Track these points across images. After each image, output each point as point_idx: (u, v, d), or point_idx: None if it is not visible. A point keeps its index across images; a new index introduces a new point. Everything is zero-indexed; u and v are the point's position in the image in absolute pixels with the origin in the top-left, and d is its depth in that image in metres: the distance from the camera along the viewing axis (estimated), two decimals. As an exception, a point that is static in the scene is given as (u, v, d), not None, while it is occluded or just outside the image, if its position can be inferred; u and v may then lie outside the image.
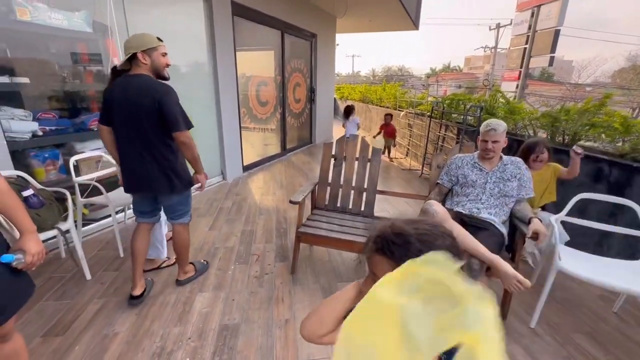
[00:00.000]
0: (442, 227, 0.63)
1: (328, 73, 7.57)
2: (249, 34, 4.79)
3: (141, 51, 1.68)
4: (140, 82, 1.68)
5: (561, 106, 2.97)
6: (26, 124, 2.38)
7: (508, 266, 1.49)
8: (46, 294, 2.02)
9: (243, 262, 2.45)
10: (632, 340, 1.78)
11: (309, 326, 0.71)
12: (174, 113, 1.69)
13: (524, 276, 1.44)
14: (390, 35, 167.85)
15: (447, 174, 2.15)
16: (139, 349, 1.63)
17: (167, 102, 1.66)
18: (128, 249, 2.56)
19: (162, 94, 1.66)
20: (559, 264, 1.73)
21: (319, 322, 0.71)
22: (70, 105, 2.84)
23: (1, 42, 2.33)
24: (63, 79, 2.79)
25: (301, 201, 2.18)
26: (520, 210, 1.91)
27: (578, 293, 2.17)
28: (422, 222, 0.63)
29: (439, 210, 1.71)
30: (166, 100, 1.66)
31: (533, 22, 11.67)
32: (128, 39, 1.70)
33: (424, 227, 0.62)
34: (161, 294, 2.05)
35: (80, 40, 2.84)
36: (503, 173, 1.97)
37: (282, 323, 1.83)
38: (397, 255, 0.59)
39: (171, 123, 1.69)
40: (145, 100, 1.65)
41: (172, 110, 1.68)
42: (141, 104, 1.65)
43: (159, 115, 1.67)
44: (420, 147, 5.48)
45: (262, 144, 5.72)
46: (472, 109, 3.90)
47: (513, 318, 1.92)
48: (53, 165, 2.54)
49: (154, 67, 1.74)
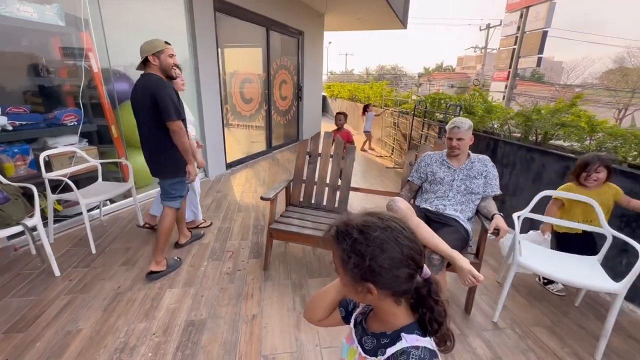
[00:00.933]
0: (396, 221, 0.63)
1: (316, 70, 7.57)
2: (232, 30, 4.76)
3: (151, 54, 1.96)
4: (145, 80, 1.96)
5: (534, 106, 3.03)
6: (-6, 118, 2.34)
7: (465, 261, 1.53)
8: (12, 291, 1.99)
9: (216, 258, 2.45)
10: (589, 332, 1.83)
11: (307, 312, 0.82)
12: (166, 104, 1.90)
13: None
14: (384, 34, 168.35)
15: (416, 172, 2.18)
16: (101, 345, 1.62)
17: (161, 95, 1.89)
18: (101, 245, 2.56)
19: (157, 87, 1.91)
20: (519, 259, 1.77)
21: (313, 309, 0.80)
22: (43, 99, 2.79)
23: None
24: (35, 72, 2.75)
25: (272, 198, 2.19)
26: (485, 206, 1.95)
27: (541, 288, 2.23)
28: (378, 215, 0.64)
29: (402, 206, 1.74)
30: (160, 93, 1.89)
31: (522, 23, 11.84)
32: (142, 45, 1.99)
33: (371, 220, 0.62)
34: (130, 290, 2.04)
35: (52, 34, 2.79)
36: (470, 170, 2.00)
37: (249, 318, 1.84)
38: (342, 245, 0.62)
39: (163, 112, 1.91)
40: (146, 94, 1.91)
41: (165, 102, 1.90)
42: (143, 98, 1.93)
43: (155, 107, 1.91)
44: (405, 145, 5.52)
45: (247, 141, 5.70)
46: (451, 107, 3.95)
47: (477, 312, 1.96)
48: (23, 160, 2.50)
49: (163, 67, 2.01)
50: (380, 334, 0.68)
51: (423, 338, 0.62)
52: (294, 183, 2.58)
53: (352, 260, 0.60)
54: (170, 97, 1.92)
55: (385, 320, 0.67)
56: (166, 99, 1.90)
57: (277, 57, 5.93)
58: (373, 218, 0.63)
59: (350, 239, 0.61)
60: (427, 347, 0.61)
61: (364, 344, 0.70)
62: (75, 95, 2.86)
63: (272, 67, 5.77)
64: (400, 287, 0.61)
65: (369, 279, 0.60)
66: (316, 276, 2.27)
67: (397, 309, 0.64)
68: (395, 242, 0.59)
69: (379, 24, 8.75)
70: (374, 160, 6.06)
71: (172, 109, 1.92)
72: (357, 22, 8.46)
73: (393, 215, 0.64)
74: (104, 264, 2.32)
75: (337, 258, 0.64)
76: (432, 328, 0.62)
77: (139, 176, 3.50)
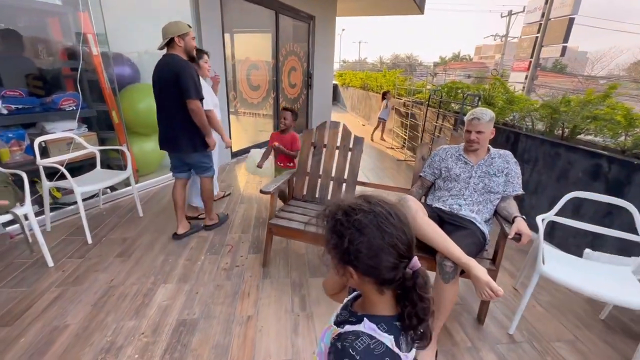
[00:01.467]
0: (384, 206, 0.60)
1: (327, 58, 7.30)
2: (239, 14, 4.56)
3: (177, 36, 2.06)
4: (170, 59, 2.07)
5: (562, 96, 2.76)
6: (-12, 102, 2.26)
7: (482, 271, 1.36)
8: (2, 281, 1.94)
9: (215, 252, 2.34)
10: (618, 350, 1.65)
11: (323, 284, 0.87)
12: (187, 84, 2.02)
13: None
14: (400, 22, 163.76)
15: (429, 167, 2.00)
16: (87, 343, 1.54)
17: (183, 75, 2.02)
18: (98, 235, 2.49)
19: (180, 68, 2.03)
20: (542, 269, 1.59)
21: (325, 283, 0.86)
22: (40, 82, 2.70)
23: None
24: (32, 54, 2.65)
25: (273, 191, 2.05)
26: (505, 207, 1.76)
27: (564, 297, 2.04)
28: (369, 198, 0.62)
29: (412, 205, 1.57)
30: (182, 73, 2.02)
31: (547, 9, 11.17)
32: (165, 26, 2.07)
33: (359, 202, 0.60)
34: (122, 285, 1.96)
35: (49, 14, 2.68)
36: (489, 167, 1.81)
37: (244, 320, 1.73)
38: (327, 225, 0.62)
39: (184, 91, 2.03)
40: (169, 74, 2.04)
41: (186, 82, 2.02)
42: (167, 77, 2.05)
43: (177, 85, 2.02)
44: (418, 137, 5.29)
45: (254, 129, 5.57)
46: (469, 97, 3.69)
47: (491, 323, 1.79)
48: (18, 145, 2.42)
49: (187, 49, 2.13)
50: (353, 312, 0.68)
51: (383, 333, 0.59)
52: (297, 175, 2.43)
53: (332, 240, 0.60)
54: (192, 77, 2.06)
55: (367, 307, 0.65)
56: (188, 78, 2.03)
57: (286, 42, 5.70)
58: (361, 200, 0.61)
59: (334, 219, 0.60)
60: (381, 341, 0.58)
61: (338, 316, 0.70)
62: (74, 79, 2.75)
63: (281, 53, 5.55)
64: (382, 275, 0.58)
65: (348, 261, 0.59)
66: (318, 275, 2.14)
67: (379, 298, 0.61)
68: (377, 227, 0.57)
69: (395, 9, 8.35)
70: (384, 152, 5.84)
71: (193, 89, 2.05)
72: (372, 7, 8.10)
73: (384, 199, 0.62)
74: (100, 255, 2.24)
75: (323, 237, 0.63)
76: (410, 323, 0.59)
77: (142, 164, 3.42)
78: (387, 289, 0.60)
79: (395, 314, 0.62)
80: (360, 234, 0.57)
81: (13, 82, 2.55)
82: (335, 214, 0.60)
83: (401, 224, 0.59)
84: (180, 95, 2.05)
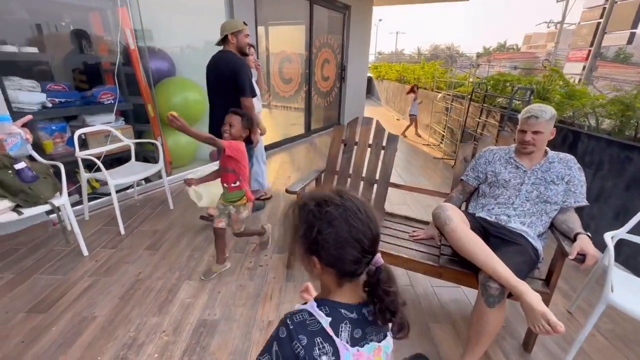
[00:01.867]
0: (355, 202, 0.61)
1: (362, 50, 7.05)
2: (273, 6, 4.48)
3: (231, 33, 2.18)
4: (225, 56, 2.20)
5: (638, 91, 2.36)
6: (34, 95, 2.37)
7: (536, 298, 1.15)
8: (42, 267, 2.03)
9: (239, 250, 2.30)
10: None
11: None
12: (243, 82, 2.15)
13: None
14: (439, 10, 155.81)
15: (473, 170, 1.78)
16: (111, 337, 1.55)
17: (240, 73, 2.14)
18: (131, 226, 2.55)
19: (238, 67, 2.15)
20: (611, 297, 1.34)
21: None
22: (82, 77, 2.80)
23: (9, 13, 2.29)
24: (75, 49, 2.75)
25: (299, 191, 1.95)
26: (564, 221, 1.50)
27: (631, 327, 1.74)
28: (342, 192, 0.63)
29: (453, 216, 1.39)
30: (239, 72, 2.14)
31: (613, -9, 9.92)
32: (223, 23, 2.22)
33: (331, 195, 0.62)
34: (149, 278, 1.97)
35: (91, 10, 2.76)
36: (546, 173, 1.56)
37: (264, 325, 1.66)
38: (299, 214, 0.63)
39: (240, 89, 2.16)
40: (226, 70, 2.16)
41: (242, 80, 2.15)
42: (224, 73, 2.17)
43: (234, 82, 2.14)
44: (457, 134, 4.93)
45: (285, 123, 5.52)
46: (519, 91, 3.32)
47: (540, 351, 1.57)
48: (61, 137, 2.54)
49: (239, 46, 2.25)
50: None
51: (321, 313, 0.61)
52: (326, 174, 2.31)
53: (301, 229, 0.61)
54: (248, 76, 2.18)
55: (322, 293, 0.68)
56: (245, 77, 2.15)
57: (320, 34, 5.55)
58: (333, 194, 0.63)
59: (306, 209, 0.62)
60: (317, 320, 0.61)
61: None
62: (113, 73, 2.83)
63: (315, 44, 5.42)
64: (344, 267, 0.61)
65: (314, 251, 0.61)
66: (344, 281, 2.02)
67: (336, 289, 0.64)
68: (345, 221, 0.59)
69: (437, -4, 7.86)
70: (419, 149, 5.54)
71: (248, 87, 2.17)
72: (411, -5, 7.67)
73: (355, 195, 0.63)
74: (131, 246, 2.29)
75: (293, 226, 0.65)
76: (384, 318, 0.61)
77: (176, 156, 3.49)
78: (347, 282, 0.63)
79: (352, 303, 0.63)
80: (329, 225, 0.58)
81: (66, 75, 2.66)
82: (308, 205, 0.62)
83: (368, 220, 0.61)
84: (236, 91, 2.16)
